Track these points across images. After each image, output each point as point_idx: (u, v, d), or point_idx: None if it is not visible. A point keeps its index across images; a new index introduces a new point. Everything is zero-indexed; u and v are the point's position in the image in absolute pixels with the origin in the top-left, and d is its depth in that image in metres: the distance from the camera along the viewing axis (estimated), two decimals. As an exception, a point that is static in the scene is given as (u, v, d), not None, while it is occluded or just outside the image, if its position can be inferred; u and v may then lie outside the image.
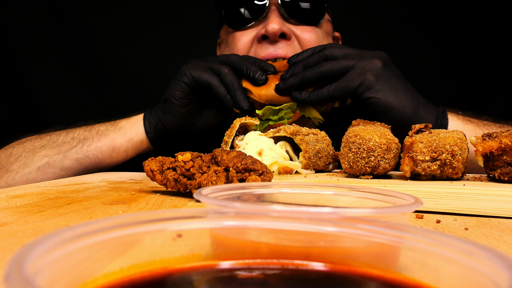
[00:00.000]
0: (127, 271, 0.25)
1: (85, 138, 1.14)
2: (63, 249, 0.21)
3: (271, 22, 1.13)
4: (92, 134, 1.15)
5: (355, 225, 0.26)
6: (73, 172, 1.12)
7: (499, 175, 0.69)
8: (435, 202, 0.60)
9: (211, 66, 1.09)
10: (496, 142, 0.70)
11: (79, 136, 1.15)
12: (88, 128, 1.18)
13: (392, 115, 0.97)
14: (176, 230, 0.27)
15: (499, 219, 0.56)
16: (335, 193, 0.43)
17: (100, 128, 1.17)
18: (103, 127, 1.17)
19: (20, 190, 0.76)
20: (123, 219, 0.25)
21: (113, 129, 1.16)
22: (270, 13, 1.16)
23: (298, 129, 0.88)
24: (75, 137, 1.15)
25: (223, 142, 0.89)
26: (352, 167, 0.76)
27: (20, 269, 0.18)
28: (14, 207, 0.59)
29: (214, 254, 0.28)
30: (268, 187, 0.43)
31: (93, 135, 1.15)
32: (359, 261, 0.27)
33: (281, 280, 0.26)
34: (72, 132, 1.17)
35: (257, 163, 0.61)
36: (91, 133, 1.16)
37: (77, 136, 1.15)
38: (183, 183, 0.65)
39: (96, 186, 0.82)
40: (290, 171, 0.86)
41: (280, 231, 0.28)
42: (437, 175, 0.72)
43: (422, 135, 0.73)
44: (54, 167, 1.11)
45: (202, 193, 0.35)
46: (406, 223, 0.35)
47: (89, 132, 1.16)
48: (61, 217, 0.52)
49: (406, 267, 0.25)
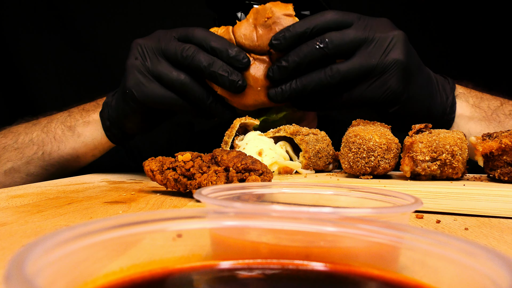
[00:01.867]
0: (127, 271, 0.25)
1: (44, 144, 1.04)
2: (63, 249, 0.21)
3: None
4: (50, 139, 1.04)
5: (355, 225, 0.26)
6: (42, 177, 1.05)
7: (499, 175, 0.69)
8: (435, 202, 0.60)
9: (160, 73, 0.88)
10: (496, 142, 0.70)
11: (37, 140, 1.04)
12: (45, 129, 1.05)
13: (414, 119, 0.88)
14: (176, 230, 0.27)
15: (499, 219, 0.56)
16: (335, 193, 0.43)
17: (56, 132, 1.04)
18: (59, 131, 1.04)
19: (20, 190, 0.76)
20: (123, 219, 0.25)
21: (71, 135, 1.03)
22: None
23: (298, 129, 0.88)
24: (33, 141, 1.04)
25: (223, 142, 0.89)
26: (352, 167, 0.76)
27: (20, 269, 0.18)
28: (14, 207, 0.59)
29: (214, 254, 0.28)
30: (268, 187, 0.43)
31: (51, 140, 1.04)
32: (359, 261, 0.27)
33: (281, 280, 0.26)
34: (30, 132, 1.05)
35: (257, 163, 0.61)
36: (48, 136, 1.04)
37: (36, 139, 1.04)
38: (183, 183, 0.65)
39: (96, 186, 0.82)
40: (290, 171, 0.86)
41: (280, 231, 0.28)
42: (437, 175, 0.72)
43: (422, 135, 0.73)
44: (20, 172, 1.04)
45: (202, 193, 0.35)
46: (406, 223, 0.35)
47: (46, 135, 1.04)
48: (61, 217, 0.52)
49: (406, 267, 0.25)
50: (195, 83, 0.87)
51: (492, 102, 0.94)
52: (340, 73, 0.80)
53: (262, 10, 0.86)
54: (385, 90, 0.82)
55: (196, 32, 0.87)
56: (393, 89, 0.82)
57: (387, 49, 0.80)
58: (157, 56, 0.89)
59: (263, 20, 0.84)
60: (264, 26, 0.85)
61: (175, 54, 0.87)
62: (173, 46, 0.87)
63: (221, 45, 0.85)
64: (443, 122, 0.91)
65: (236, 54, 0.84)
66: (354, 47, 0.80)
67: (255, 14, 0.86)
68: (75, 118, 1.05)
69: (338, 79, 0.81)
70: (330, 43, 0.79)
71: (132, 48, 0.93)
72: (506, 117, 0.92)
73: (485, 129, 0.91)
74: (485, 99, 0.94)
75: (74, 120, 1.05)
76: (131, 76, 0.91)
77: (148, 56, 0.89)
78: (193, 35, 0.87)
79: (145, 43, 0.91)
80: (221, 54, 0.85)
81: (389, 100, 0.84)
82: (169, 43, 0.88)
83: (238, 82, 0.84)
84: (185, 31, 0.89)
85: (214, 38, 0.86)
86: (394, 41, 0.81)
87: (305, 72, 0.83)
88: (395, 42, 0.81)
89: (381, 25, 0.82)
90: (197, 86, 0.88)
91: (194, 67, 0.85)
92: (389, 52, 0.80)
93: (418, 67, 0.86)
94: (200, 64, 0.84)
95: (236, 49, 0.85)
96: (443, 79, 0.93)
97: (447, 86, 0.92)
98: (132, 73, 0.91)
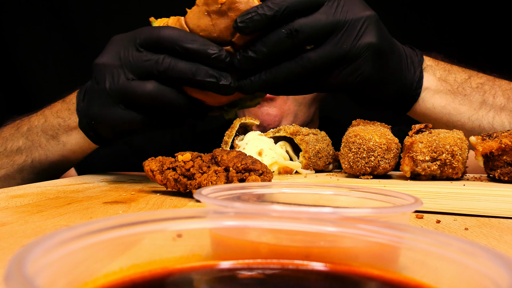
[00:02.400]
0: (127, 271, 0.25)
1: (31, 152, 0.99)
2: (63, 249, 0.21)
3: None
4: (36, 147, 0.99)
5: (355, 225, 0.26)
6: (38, 180, 1.00)
7: (499, 175, 0.69)
8: (435, 202, 0.60)
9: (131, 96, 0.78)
10: (496, 142, 0.70)
11: (24, 147, 1.00)
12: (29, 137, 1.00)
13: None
14: (176, 230, 0.27)
15: (499, 219, 0.56)
16: (335, 193, 0.43)
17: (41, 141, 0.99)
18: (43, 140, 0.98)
19: (20, 190, 0.76)
20: (123, 219, 0.25)
21: (56, 144, 0.98)
22: None
23: (298, 129, 0.88)
24: (21, 149, 1.00)
25: (223, 142, 0.89)
26: (352, 167, 0.76)
27: (20, 269, 0.18)
28: (14, 207, 0.59)
29: (214, 254, 0.28)
30: (268, 187, 0.43)
31: (37, 148, 0.99)
32: (359, 261, 0.27)
33: (281, 280, 0.26)
34: (16, 139, 1.01)
35: (257, 163, 0.61)
36: (34, 145, 0.99)
37: (23, 147, 1.00)
38: (183, 183, 0.65)
39: (96, 186, 0.82)
40: (290, 171, 0.86)
41: (280, 231, 0.28)
42: (437, 175, 0.72)
43: (422, 135, 0.73)
44: (14, 178, 1.02)
45: (202, 193, 0.35)
46: (406, 223, 0.35)
47: (32, 143, 1.00)
48: (61, 217, 0.52)
49: (406, 267, 0.25)
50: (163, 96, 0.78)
51: (460, 75, 0.91)
52: (311, 62, 0.75)
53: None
54: (358, 76, 0.78)
55: (162, 34, 0.75)
56: (366, 74, 0.78)
57: (359, 32, 0.76)
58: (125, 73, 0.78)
59: (217, 6, 0.73)
60: (219, 13, 0.73)
61: (149, 71, 0.77)
62: (141, 61, 0.77)
63: (198, 45, 0.74)
64: (409, 97, 0.88)
65: (217, 53, 0.74)
66: (325, 33, 0.75)
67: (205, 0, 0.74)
68: (53, 125, 0.98)
69: (309, 68, 0.76)
70: (300, 32, 0.73)
71: (93, 71, 0.83)
72: (473, 90, 0.89)
73: (450, 102, 0.89)
74: (453, 72, 0.91)
75: (53, 128, 0.99)
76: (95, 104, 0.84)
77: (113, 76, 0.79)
78: (160, 39, 0.75)
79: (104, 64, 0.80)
80: (201, 56, 0.74)
81: (361, 85, 0.80)
82: (135, 58, 0.77)
83: (230, 84, 0.76)
84: (149, 35, 0.77)
85: (186, 37, 0.75)
86: (366, 23, 0.76)
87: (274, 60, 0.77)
88: (367, 25, 0.76)
89: (351, 4, 0.76)
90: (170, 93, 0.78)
91: (176, 80, 0.76)
92: (361, 36, 0.76)
93: (390, 48, 0.82)
94: (183, 76, 0.75)
95: (213, 47, 0.74)
96: (411, 52, 0.89)
97: (415, 59, 0.88)
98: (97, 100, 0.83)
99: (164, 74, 0.76)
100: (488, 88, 0.90)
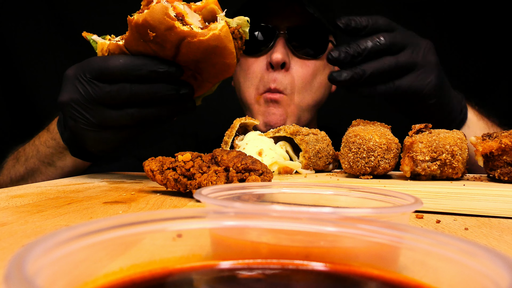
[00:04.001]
0: (127, 271, 0.25)
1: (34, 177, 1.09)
2: (63, 249, 0.21)
3: (276, 51, 1.19)
4: (38, 174, 1.09)
5: (355, 225, 0.26)
6: None
7: (499, 175, 0.69)
8: (435, 202, 0.60)
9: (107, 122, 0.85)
10: (496, 142, 0.70)
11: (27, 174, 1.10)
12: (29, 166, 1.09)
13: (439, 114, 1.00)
14: (176, 230, 0.27)
15: (499, 219, 0.56)
16: (335, 193, 0.43)
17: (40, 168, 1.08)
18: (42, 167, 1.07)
19: (20, 190, 0.76)
20: (123, 219, 0.25)
21: (54, 169, 1.06)
22: (276, 43, 1.21)
23: (298, 129, 0.88)
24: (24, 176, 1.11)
25: (223, 142, 0.89)
26: (352, 167, 0.76)
27: (20, 269, 0.18)
28: (14, 207, 0.59)
29: (214, 254, 0.28)
30: (268, 187, 0.43)
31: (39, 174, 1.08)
32: (359, 261, 0.27)
33: (281, 280, 0.26)
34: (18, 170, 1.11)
35: (257, 163, 0.61)
36: (36, 172, 1.09)
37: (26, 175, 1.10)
38: (183, 183, 0.65)
39: (96, 186, 0.82)
40: (290, 171, 0.86)
41: (280, 231, 0.28)
42: (437, 175, 0.72)
43: (422, 135, 0.73)
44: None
45: (202, 193, 0.35)
46: (406, 223, 0.35)
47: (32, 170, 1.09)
48: (61, 217, 0.52)
49: (406, 267, 0.25)
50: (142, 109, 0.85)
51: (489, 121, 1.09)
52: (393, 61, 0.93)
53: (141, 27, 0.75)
54: (428, 83, 0.95)
55: (112, 67, 0.81)
56: (434, 82, 0.95)
57: (424, 51, 0.96)
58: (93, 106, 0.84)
59: (148, 38, 0.76)
60: (155, 42, 0.77)
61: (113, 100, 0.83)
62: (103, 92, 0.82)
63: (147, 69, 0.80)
64: (459, 121, 1.03)
65: (166, 68, 0.81)
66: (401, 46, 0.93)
67: (136, 29, 0.77)
68: (46, 155, 1.06)
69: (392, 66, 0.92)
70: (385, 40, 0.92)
71: (61, 110, 0.89)
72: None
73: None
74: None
75: (47, 157, 1.06)
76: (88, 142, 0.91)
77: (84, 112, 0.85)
78: (110, 71, 0.81)
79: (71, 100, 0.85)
80: (153, 76, 0.81)
81: (429, 91, 0.95)
82: (95, 90, 0.82)
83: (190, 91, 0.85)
84: (98, 68, 0.82)
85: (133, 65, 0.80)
86: (428, 46, 0.97)
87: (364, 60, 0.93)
88: (429, 48, 0.97)
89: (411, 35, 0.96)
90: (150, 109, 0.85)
91: (140, 102, 0.83)
92: (426, 54, 0.95)
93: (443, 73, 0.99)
94: (145, 98, 0.82)
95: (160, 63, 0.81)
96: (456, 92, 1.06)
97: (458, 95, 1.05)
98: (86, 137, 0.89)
99: (128, 100, 0.82)
100: None
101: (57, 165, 1.06)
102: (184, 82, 0.85)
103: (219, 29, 0.76)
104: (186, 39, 0.76)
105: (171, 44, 0.77)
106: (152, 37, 0.75)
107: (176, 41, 0.76)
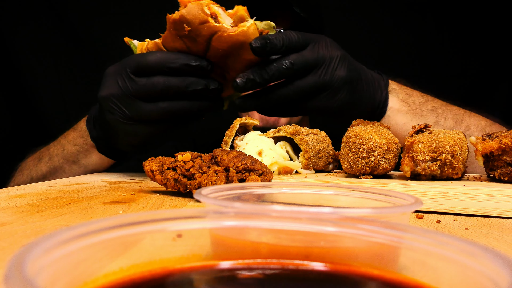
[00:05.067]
0: (127, 271, 0.25)
1: (56, 176, 1.13)
2: (63, 249, 0.21)
3: None
4: (60, 173, 1.13)
5: (355, 225, 0.26)
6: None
7: (499, 175, 0.69)
8: (435, 202, 0.60)
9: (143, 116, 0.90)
10: (496, 142, 0.70)
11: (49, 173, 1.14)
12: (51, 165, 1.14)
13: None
14: (176, 230, 0.27)
15: (499, 219, 0.56)
16: (335, 193, 0.43)
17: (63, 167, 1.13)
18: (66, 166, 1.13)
19: (20, 190, 0.76)
20: (123, 219, 0.25)
21: (78, 168, 1.12)
22: None
23: (298, 129, 0.88)
24: (46, 175, 1.14)
25: (223, 142, 0.89)
26: (352, 167, 0.76)
27: (20, 269, 0.18)
28: (14, 207, 0.59)
29: (214, 254, 0.28)
30: (268, 187, 0.43)
31: (61, 173, 1.13)
32: (359, 261, 0.27)
33: (281, 280, 0.26)
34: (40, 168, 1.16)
35: (257, 163, 0.61)
36: (58, 171, 1.14)
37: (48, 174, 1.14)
38: (183, 183, 0.65)
39: (96, 186, 0.82)
40: (290, 171, 0.86)
41: (280, 231, 0.28)
42: (437, 175, 0.72)
43: (422, 135, 0.73)
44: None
45: (202, 193, 0.35)
46: (406, 223, 0.35)
47: (54, 169, 1.14)
48: (61, 217, 0.52)
49: (406, 267, 0.25)
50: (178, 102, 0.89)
51: (419, 98, 1.07)
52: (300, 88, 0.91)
53: (178, 22, 0.83)
54: (336, 101, 0.95)
55: (149, 60, 0.87)
56: (342, 98, 0.95)
57: (334, 67, 0.93)
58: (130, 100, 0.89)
59: (184, 32, 0.83)
60: (189, 38, 0.84)
61: (148, 93, 0.88)
62: (139, 86, 0.88)
63: (180, 62, 0.86)
64: (377, 114, 1.04)
65: (199, 63, 0.87)
66: (311, 67, 0.91)
67: (173, 25, 0.84)
68: (72, 152, 1.12)
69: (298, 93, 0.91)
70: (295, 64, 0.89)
71: (100, 105, 0.94)
72: (428, 112, 1.06)
73: (409, 121, 1.04)
74: (413, 95, 1.07)
75: (73, 155, 1.12)
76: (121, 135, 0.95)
77: (122, 105, 0.90)
78: (147, 64, 0.87)
79: (111, 95, 0.90)
80: (185, 69, 0.87)
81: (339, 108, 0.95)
82: (133, 84, 0.88)
83: (219, 86, 0.90)
84: (136, 62, 0.88)
85: (169, 58, 0.86)
86: (338, 60, 0.94)
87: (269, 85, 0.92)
88: (339, 61, 0.94)
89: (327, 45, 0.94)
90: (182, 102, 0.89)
91: (172, 96, 0.88)
92: (336, 70, 0.93)
93: (358, 76, 0.98)
94: (177, 90, 0.87)
95: (194, 59, 0.87)
96: (378, 77, 1.05)
97: (381, 82, 1.05)
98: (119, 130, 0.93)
99: (162, 93, 0.87)
100: (441, 111, 1.06)
101: (81, 163, 1.12)
102: (214, 79, 0.90)
103: (248, 26, 0.83)
104: (217, 34, 0.83)
105: (203, 38, 0.84)
106: (187, 31, 0.82)
107: (208, 35, 0.83)
